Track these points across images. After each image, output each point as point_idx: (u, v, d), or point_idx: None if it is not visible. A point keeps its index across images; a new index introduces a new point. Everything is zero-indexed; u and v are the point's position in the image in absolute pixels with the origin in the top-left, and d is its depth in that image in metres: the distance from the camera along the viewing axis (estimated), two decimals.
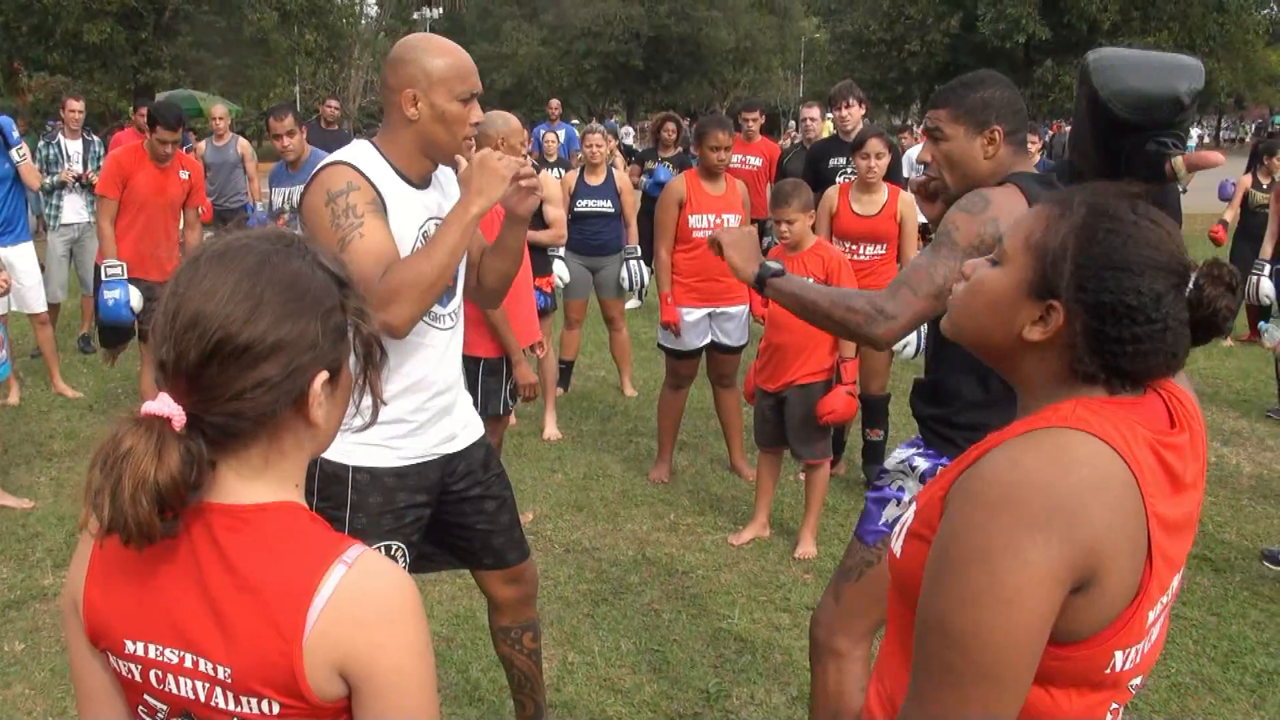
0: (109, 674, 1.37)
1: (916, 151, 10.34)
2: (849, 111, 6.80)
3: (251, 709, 1.28)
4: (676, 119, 9.99)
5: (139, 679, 1.33)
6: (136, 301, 6.31)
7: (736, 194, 5.85)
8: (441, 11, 50.10)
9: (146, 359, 6.56)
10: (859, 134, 5.83)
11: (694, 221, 5.74)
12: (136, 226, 6.61)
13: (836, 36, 26.19)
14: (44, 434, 6.77)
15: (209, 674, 1.28)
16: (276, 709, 1.27)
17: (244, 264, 1.28)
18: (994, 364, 1.50)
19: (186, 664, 1.29)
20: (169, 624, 1.29)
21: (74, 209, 8.60)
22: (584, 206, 7.30)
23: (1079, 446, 1.29)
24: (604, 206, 7.36)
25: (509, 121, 4.77)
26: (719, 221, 5.74)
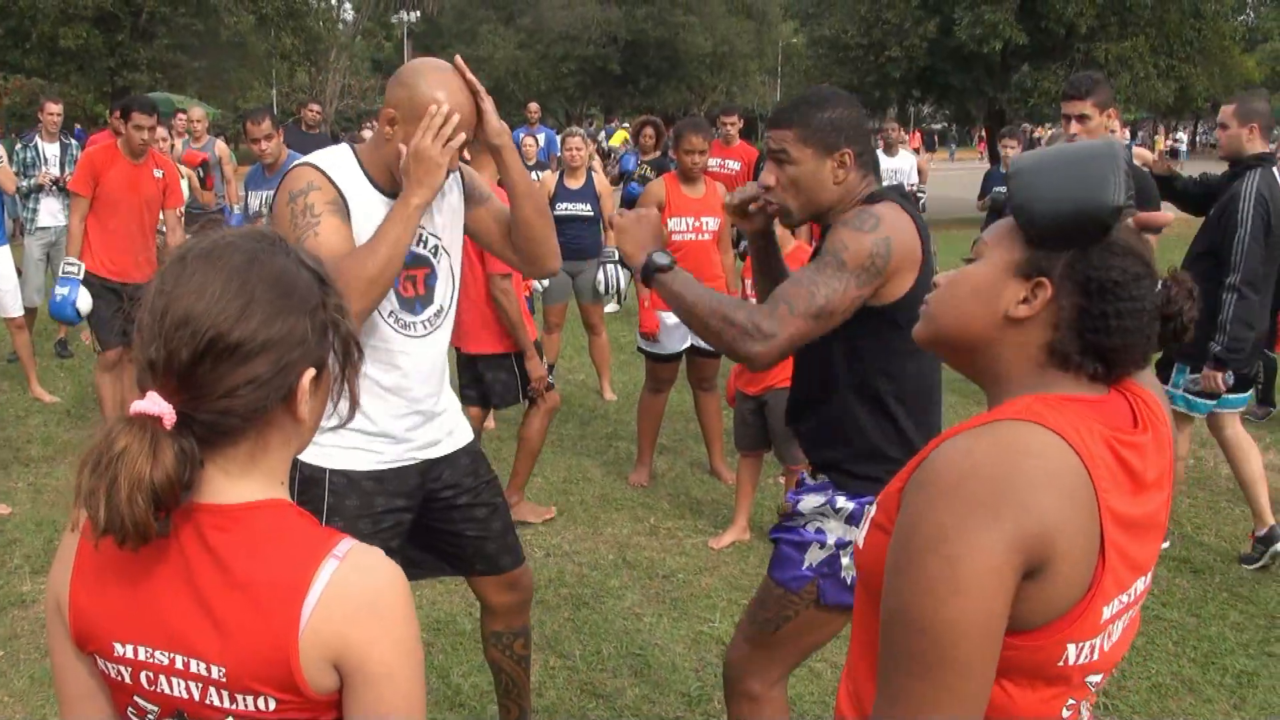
0: (95, 677, 1.37)
1: (887, 162, 10.42)
2: None
3: (247, 706, 1.28)
4: (656, 123, 10.02)
5: (129, 681, 1.33)
6: (85, 304, 6.17)
7: (716, 197, 5.86)
8: (419, 15, 50.01)
9: (101, 364, 6.49)
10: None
11: (673, 225, 5.76)
12: (110, 224, 6.43)
13: (814, 41, 26.08)
14: (21, 439, 6.72)
15: (202, 674, 1.28)
16: (273, 705, 1.28)
17: (232, 262, 1.28)
18: (966, 360, 1.52)
19: (178, 665, 1.29)
20: (159, 626, 1.29)
21: (51, 213, 8.56)
22: (563, 210, 7.31)
23: (1031, 438, 1.32)
24: (583, 210, 7.37)
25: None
26: (698, 224, 5.77)
